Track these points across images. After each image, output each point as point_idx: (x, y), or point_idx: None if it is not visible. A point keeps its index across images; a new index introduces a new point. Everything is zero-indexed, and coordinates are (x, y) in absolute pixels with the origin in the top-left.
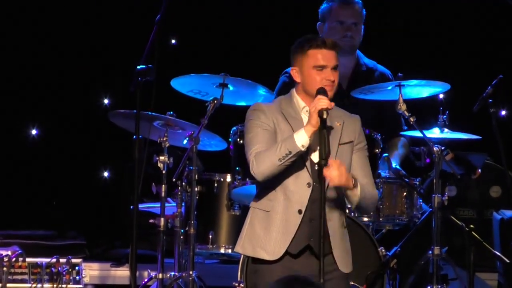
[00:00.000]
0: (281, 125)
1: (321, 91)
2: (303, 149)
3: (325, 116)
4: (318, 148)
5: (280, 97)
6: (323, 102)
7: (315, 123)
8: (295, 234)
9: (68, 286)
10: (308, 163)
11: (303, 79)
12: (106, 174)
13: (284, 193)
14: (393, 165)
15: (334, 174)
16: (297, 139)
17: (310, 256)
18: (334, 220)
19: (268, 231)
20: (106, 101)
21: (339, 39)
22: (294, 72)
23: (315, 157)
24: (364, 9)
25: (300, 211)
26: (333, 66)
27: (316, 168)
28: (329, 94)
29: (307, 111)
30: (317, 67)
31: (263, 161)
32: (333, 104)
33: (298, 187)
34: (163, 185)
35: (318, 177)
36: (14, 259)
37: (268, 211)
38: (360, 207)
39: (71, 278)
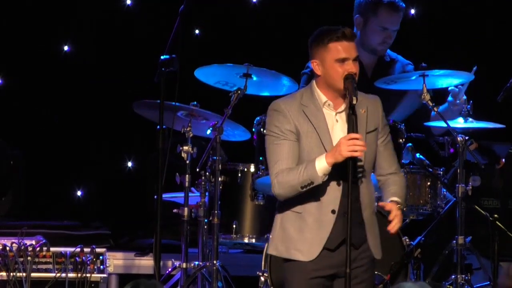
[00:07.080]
0: (303, 126)
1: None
2: (325, 178)
3: (354, 102)
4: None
5: (301, 90)
6: (357, 149)
7: (339, 160)
8: (330, 232)
9: (92, 275)
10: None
11: (325, 72)
12: (130, 164)
13: (315, 194)
14: (417, 155)
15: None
16: (318, 167)
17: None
18: (366, 210)
19: (302, 232)
20: (129, 91)
21: (377, 44)
22: (314, 65)
23: None
24: None
25: (333, 211)
26: (354, 57)
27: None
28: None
29: (329, 105)
30: (339, 60)
31: (284, 186)
32: (362, 153)
33: (329, 187)
34: (187, 175)
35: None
36: (38, 249)
37: (300, 213)
38: None
39: (95, 267)
